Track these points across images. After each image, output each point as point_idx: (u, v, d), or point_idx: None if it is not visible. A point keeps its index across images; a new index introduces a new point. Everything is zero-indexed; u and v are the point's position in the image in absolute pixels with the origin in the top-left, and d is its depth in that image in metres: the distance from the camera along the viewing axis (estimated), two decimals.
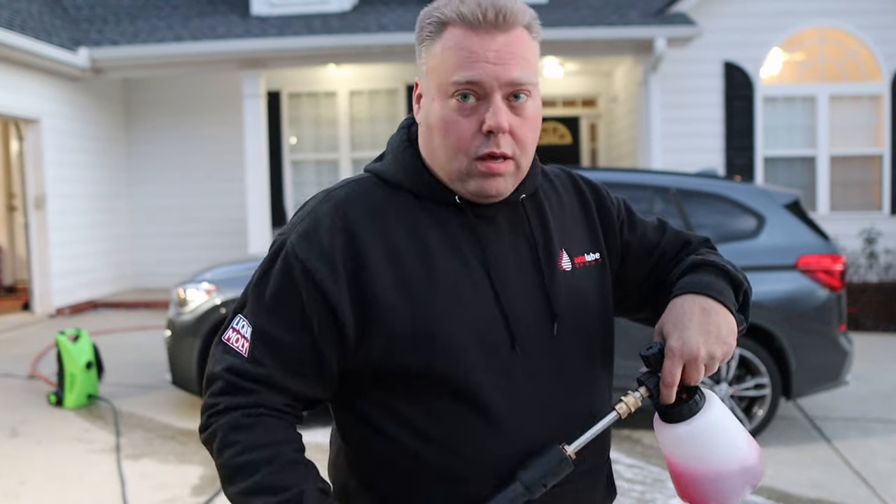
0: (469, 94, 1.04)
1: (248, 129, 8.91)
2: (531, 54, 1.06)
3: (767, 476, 3.95)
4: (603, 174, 5.13)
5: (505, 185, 1.08)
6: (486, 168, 1.05)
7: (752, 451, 1.08)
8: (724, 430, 1.06)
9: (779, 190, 4.81)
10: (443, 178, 1.10)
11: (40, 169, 8.39)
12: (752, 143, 9.02)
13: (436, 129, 1.07)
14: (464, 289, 1.07)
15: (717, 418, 1.05)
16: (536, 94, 1.08)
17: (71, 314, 8.75)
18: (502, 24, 1.03)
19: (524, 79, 1.04)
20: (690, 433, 1.04)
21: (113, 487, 3.75)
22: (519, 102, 1.05)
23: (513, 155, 1.06)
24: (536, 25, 1.09)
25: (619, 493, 3.70)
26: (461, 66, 1.03)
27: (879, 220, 8.83)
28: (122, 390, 5.39)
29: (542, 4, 9.32)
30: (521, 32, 1.05)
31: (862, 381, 5.57)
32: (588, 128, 11.55)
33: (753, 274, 4.47)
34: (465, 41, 1.03)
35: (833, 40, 8.94)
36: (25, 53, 7.73)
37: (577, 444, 1.04)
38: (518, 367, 1.08)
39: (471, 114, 1.04)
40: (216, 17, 9.52)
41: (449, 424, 1.07)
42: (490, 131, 1.03)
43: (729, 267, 1.21)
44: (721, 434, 1.05)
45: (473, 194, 1.08)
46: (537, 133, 1.10)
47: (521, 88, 1.04)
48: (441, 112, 1.06)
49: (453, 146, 1.06)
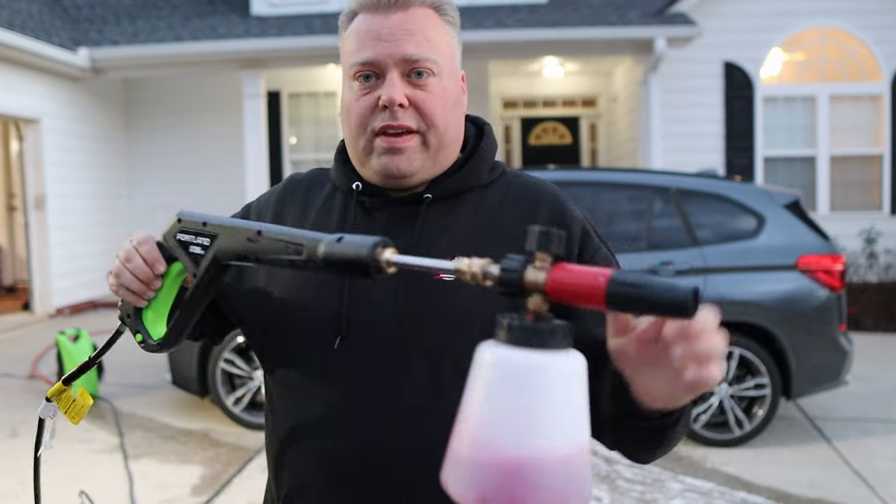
0: (370, 75, 1.03)
1: (248, 129, 8.91)
2: (435, 34, 1.04)
3: (767, 476, 3.95)
4: (603, 174, 5.14)
5: (409, 163, 1.03)
6: (384, 143, 1.03)
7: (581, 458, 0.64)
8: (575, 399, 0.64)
9: (779, 190, 4.81)
10: (356, 165, 1.10)
11: (40, 169, 8.39)
12: (752, 143, 9.02)
13: (344, 114, 1.07)
14: (310, 277, 1.03)
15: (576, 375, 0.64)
16: (446, 75, 1.05)
17: (71, 314, 8.75)
18: (399, 3, 1.03)
19: (419, 55, 1.01)
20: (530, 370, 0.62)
21: (113, 487, 3.75)
22: (421, 80, 1.03)
23: (418, 129, 1.03)
24: (448, 8, 1.08)
25: (619, 492, 3.71)
26: (359, 48, 1.04)
27: (879, 220, 8.83)
28: (122, 390, 5.39)
29: (542, 4, 9.32)
30: (424, 11, 1.04)
31: (862, 381, 5.57)
32: (588, 128, 11.55)
33: (753, 274, 4.51)
34: (364, 24, 1.04)
35: (833, 40, 8.94)
36: (25, 53, 7.72)
37: (400, 260, 0.78)
38: (346, 364, 1.03)
39: (370, 92, 1.04)
40: (216, 17, 9.52)
41: (280, 409, 1.09)
42: (386, 106, 1.01)
43: None
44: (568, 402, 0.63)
45: (378, 172, 1.05)
46: (451, 112, 1.06)
47: (419, 65, 1.02)
48: (346, 96, 1.06)
49: (356, 126, 1.05)
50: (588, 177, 4.99)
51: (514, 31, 8.41)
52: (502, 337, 0.64)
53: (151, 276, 0.99)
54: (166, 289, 1.00)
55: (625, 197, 4.71)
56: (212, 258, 0.93)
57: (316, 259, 0.81)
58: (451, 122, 1.06)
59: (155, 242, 1.00)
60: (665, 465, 4.10)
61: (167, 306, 1.00)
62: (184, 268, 0.97)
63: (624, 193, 4.72)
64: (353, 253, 0.78)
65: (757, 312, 4.38)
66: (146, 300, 1.01)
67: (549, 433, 0.61)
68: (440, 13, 1.06)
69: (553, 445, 0.60)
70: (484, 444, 0.61)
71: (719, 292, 4.38)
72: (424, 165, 1.05)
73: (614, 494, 3.71)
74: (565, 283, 0.64)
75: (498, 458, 0.60)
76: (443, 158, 1.07)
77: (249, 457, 4.17)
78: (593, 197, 4.69)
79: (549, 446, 0.60)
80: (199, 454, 4.21)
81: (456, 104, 1.07)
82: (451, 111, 1.06)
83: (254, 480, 3.85)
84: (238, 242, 0.90)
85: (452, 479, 0.64)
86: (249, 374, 4.61)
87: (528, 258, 0.68)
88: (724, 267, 4.42)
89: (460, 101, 1.09)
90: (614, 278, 0.63)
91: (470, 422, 0.63)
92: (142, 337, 1.01)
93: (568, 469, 0.61)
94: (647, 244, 4.51)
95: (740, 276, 4.43)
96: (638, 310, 0.62)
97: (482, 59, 9.17)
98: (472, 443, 0.62)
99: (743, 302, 4.40)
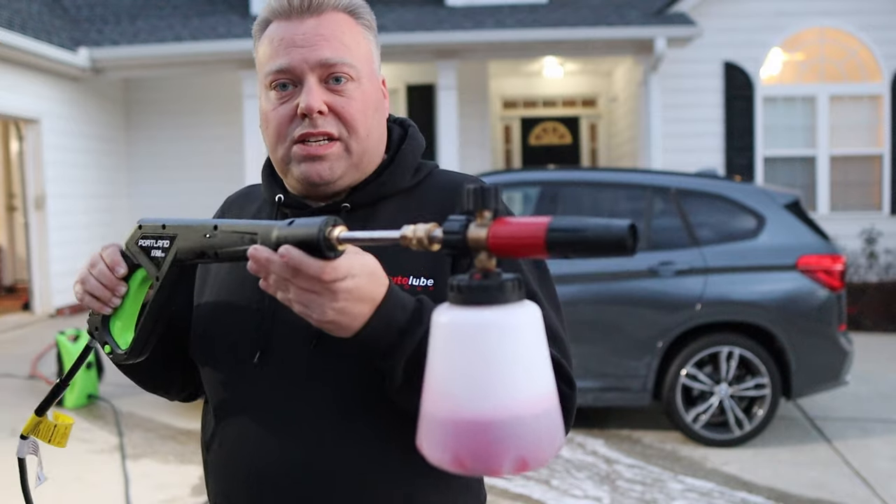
0: (286, 83, 1.01)
1: (248, 129, 8.91)
2: (350, 38, 1.02)
3: (767, 476, 3.95)
4: (603, 174, 5.13)
5: (331, 170, 1.01)
6: (303, 151, 1.00)
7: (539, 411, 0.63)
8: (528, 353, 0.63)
9: (779, 190, 4.81)
10: (280, 175, 1.08)
11: (40, 169, 8.39)
12: (752, 143, 9.02)
13: (262, 124, 1.05)
14: (234, 289, 1.05)
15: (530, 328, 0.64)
16: (365, 79, 1.03)
17: (71, 314, 8.75)
18: (311, 9, 1.01)
19: (336, 59, 0.99)
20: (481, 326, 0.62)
21: (113, 487, 3.75)
22: (339, 85, 1.00)
23: (339, 135, 1.01)
24: (363, 12, 1.06)
25: (619, 493, 3.72)
26: (274, 56, 1.01)
27: (879, 220, 8.83)
28: (122, 390, 5.39)
29: (542, 4, 9.32)
30: (338, 16, 1.02)
31: (862, 381, 5.57)
32: (588, 128, 11.55)
33: (753, 274, 4.51)
34: (277, 32, 1.02)
35: (833, 40, 8.94)
36: (25, 53, 7.73)
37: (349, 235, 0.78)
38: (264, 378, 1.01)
39: (288, 100, 1.02)
40: (216, 16, 9.52)
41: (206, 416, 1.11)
42: (304, 114, 0.99)
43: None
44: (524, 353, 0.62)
45: (300, 181, 1.03)
46: (372, 117, 1.04)
47: (336, 69, 1.00)
48: (264, 106, 1.05)
49: (274, 136, 1.03)
50: (588, 177, 4.98)
51: (514, 31, 8.41)
52: (453, 298, 0.64)
53: (114, 281, 0.97)
54: (132, 297, 0.99)
55: (625, 197, 4.71)
56: (172, 258, 0.93)
57: (270, 244, 0.81)
58: (373, 127, 1.04)
59: (118, 249, 0.99)
60: (665, 465, 4.11)
61: (134, 315, 0.99)
62: (147, 274, 0.97)
63: (624, 193, 4.71)
64: (304, 233, 0.78)
65: (757, 312, 4.38)
66: (111, 307, 0.99)
67: (510, 386, 0.61)
68: (355, 17, 1.04)
69: (516, 397, 0.61)
70: (450, 406, 0.62)
71: (719, 292, 4.38)
72: (347, 172, 1.03)
73: (614, 494, 3.71)
74: (506, 236, 0.64)
75: (465, 417, 0.61)
76: (366, 164, 1.05)
77: None
78: (593, 197, 4.69)
79: (512, 399, 0.61)
80: (198, 454, 4.20)
81: (377, 108, 1.05)
82: (373, 116, 1.04)
83: None
84: (196, 240, 0.91)
85: (427, 444, 0.64)
86: None
87: (470, 217, 0.67)
88: (724, 267, 4.42)
89: (381, 105, 1.07)
90: (552, 225, 0.63)
91: (435, 386, 0.63)
92: (110, 348, 1.00)
93: (535, 418, 0.62)
94: (647, 244, 4.50)
95: (740, 276, 4.43)
96: (578, 252, 0.63)
97: (482, 59, 9.18)
98: (440, 406, 0.63)
99: (743, 302, 4.40)
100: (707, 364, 4.49)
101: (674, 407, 4.41)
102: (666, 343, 4.38)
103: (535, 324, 0.64)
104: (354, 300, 0.81)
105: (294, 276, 0.78)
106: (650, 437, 4.56)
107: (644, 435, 4.58)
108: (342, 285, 0.79)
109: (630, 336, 4.41)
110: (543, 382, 0.63)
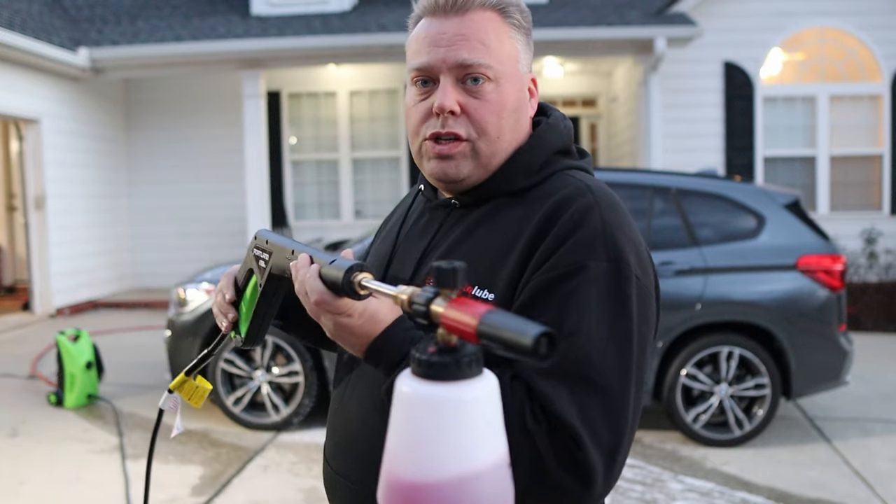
0: (426, 80, 1.04)
1: (248, 129, 8.91)
2: (494, 37, 1.03)
3: (767, 476, 3.95)
4: (603, 174, 5.12)
5: (457, 168, 1.03)
6: (433, 148, 1.04)
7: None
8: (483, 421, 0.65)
9: (779, 190, 4.81)
10: (417, 166, 1.13)
11: (40, 169, 8.39)
12: (752, 143, 9.02)
13: (406, 116, 1.09)
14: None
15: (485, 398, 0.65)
16: (506, 80, 1.04)
17: (71, 314, 8.75)
18: (457, 7, 1.02)
19: (473, 59, 1.00)
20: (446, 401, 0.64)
21: (113, 487, 3.75)
22: (477, 86, 1.02)
23: (467, 137, 1.02)
24: (513, 10, 1.06)
25: (619, 492, 3.71)
26: (417, 53, 1.04)
27: (879, 220, 8.83)
28: (122, 390, 5.39)
29: (541, 4, 9.32)
30: (484, 15, 1.03)
31: (862, 381, 5.57)
32: (588, 128, 11.55)
33: (753, 274, 4.51)
34: (423, 29, 1.05)
35: (833, 40, 8.94)
36: (25, 53, 7.72)
37: (369, 284, 0.85)
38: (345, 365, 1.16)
39: (426, 97, 1.04)
40: (216, 17, 9.52)
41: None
42: (437, 113, 1.02)
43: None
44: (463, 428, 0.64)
45: (431, 177, 1.07)
46: (507, 118, 1.04)
47: (473, 70, 1.01)
48: (407, 99, 1.08)
49: (412, 131, 1.07)
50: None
51: None
52: (413, 369, 0.66)
53: (225, 307, 1.13)
54: (249, 296, 1.12)
55: (625, 197, 4.68)
56: (268, 272, 1.05)
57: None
58: (506, 129, 1.04)
59: (233, 276, 1.15)
60: (665, 465, 4.11)
61: (249, 312, 1.11)
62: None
63: (624, 193, 4.71)
64: (334, 276, 0.87)
65: (757, 312, 4.38)
66: (227, 322, 1.13)
67: (443, 459, 0.62)
68: (504, 15, 1.05)
69: (449, 470, 0.62)
70: (391, 470, 0.65)
71: (719, 292, 4.38)
72: (474, 172, 1.04)
73: (614, 494, 3.71)
74: (451, 318, 0.66)
75: (400, 484, 0.64)
76: (496, 164, 1.05)
77: (249, 457, 4.17)
78: None
79: (444, 472, 0.62)
80: (199, 454, 4.21)
81: (515, 109, 1.05)
82: (508, 117, 1.04)
83: (254, 480, 3.85)
84: (282, 259, 1.01)
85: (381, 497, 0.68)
86: (249, 375, 4.61)
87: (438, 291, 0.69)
88: (724, 267, 4.42)
89: (522, 104, 1.07)
90: (483, 319, 0.64)
91: (391, 447, 0.66)
92: (234, 335, 1.15)
93: (468, 491, 0.63)
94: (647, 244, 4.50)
95: (740, 276, 4.43)
96: (502, 349, 0.63)
97: None
98: (386, 469, 0.66)
99: (743, 302, 4.40)
100: (707, 364, 4.49)
101: (674, 407, 4.41)
102: (666, 343, 4.38)
103: (484, 398, 0.65)
104: (347, 334, 0.92)
105: (311, 303, 0.91)
106: (650, 437, 4.56)
107: (644, 435, 4.58)
108: (338, 320, 0.91)
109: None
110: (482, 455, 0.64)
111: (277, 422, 4.57)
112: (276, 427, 4.59)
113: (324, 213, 10.31)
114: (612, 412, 0.89)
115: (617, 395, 0.89)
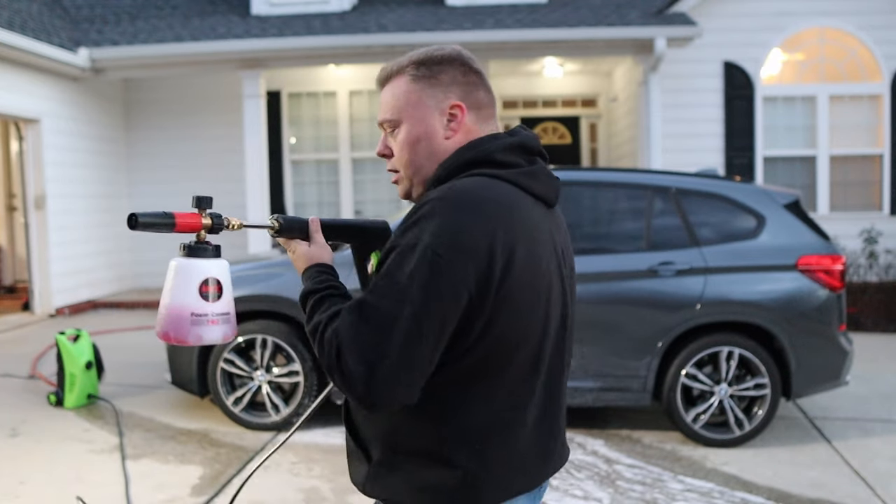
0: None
1: (248, 129, 8.92)
2: (400, 93, 1.37)
3: (767, 476, 3.95)
4: (603, 174, 5.13)
5: (401, 190, 1.44)
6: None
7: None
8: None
9: (779, 190, 4.80)
10: None
11: (40, 169, 8.39)
12: (752, 143, 9.02)
13: None
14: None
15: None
16: (407, 121, 1.37)
17: (71, 314, 8.75)
18: (381, 82, 1.42)
19: (381, 117, 1.41)
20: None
21: (113, 487, 3.75)
22: (392, 133, 1.40)
23: (398, 169, 1.41)
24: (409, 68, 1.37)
25: (619, 492, 3.71)
26: None
27: (879, 220, 8.83)
28: (122, 390, 5.39)
29: (542, 4, 9.32)
30: (394, 81, 1.39)
31: (862, 381, 5.57)
32: (588, 128, 11.55)
33: (753, 274, 4.51)
34: None
35: (833, 40, 8.94)
36: (25, 53, 7.72)
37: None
38: None
39: None
40: (216, 17, 9.52)
41: None
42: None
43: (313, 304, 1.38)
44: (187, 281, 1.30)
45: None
46: (416, 149, 1.37)
47: (385, 125, 1.41)
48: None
49: None
50: (588, 177, 4.98)
51: (514, 31, 8.41)
52: (181, 251, 1.31)
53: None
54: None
55: (625, 197, 4.70)
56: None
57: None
58: (421, 155, 1.37)
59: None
60: (665, 465, 4.11)
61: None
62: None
63: (624, 193, 4.71)
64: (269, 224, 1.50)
65: (757, 312, 4.38)
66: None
67: (178, 296, 1.28)
68: (403, 74, 1.38)
69: (182, 302, 1.28)
70: (164, 304, 1.29)
71: (719, 292, 4.38)
72: (413, 189, 1.41)
73: (614, 494, 3.71)
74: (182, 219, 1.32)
75: (167, 309, 1.29)
76: (423, 180, 1.39)
77: (249, 457, 4.17)
78: (593, 197, 4.68)
79: (182, 301, 1.28)
80: (198, 454, 4.21)
81: (420, 141, 1.36)
82: (418, 148, 1.37)
83: (254, 480, 3.84)
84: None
85: (157, 328, 1.30)
86: (249, 374, 4.61)
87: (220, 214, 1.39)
88: (724, 267, 4.42)
89: (429, 135, 1.36)
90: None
91: (164, 294, 1.30)
92: None
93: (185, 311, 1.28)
94: (647, 244, 4.51)
95: (740, 276, 4.43)
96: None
97: (482, 59, 9.16)
98: (162, 305, 1.30)
99: (743, 302, 4.40)
100: (707, 364, 4.49)
101: (674, 407, 4.41)
102: (666, 343, 4.38)
103: (209, 270, 1.30)
104: (294, 262, 1.45)
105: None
106: (650, 437, 4.56)
107: (644, 435, 4.58)
108: (290, 254, 1.47)
109: (630, 336, 4.41)
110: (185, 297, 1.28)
111: (277, 422, 4.58)
112: (276, 427, 4.59)
113: (324, 213, 10.31)
114: (377, 334, 1.18)
115: (384, 324, 1.17)
